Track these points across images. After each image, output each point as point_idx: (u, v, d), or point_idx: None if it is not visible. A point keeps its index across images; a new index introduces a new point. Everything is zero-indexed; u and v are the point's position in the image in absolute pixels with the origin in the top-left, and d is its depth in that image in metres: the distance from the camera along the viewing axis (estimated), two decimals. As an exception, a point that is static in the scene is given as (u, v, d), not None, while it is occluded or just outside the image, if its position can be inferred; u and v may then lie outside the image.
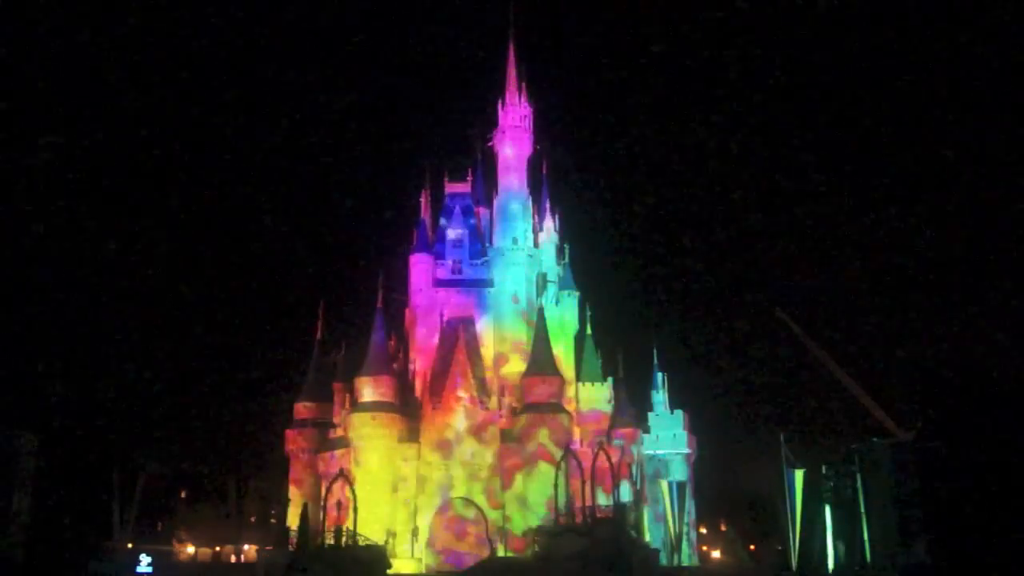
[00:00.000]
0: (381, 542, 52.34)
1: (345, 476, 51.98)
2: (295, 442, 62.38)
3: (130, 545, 62.48)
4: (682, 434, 65.72)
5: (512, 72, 71.27)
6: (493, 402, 58.62)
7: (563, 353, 64.75)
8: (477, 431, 57.77)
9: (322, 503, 51.18)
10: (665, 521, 61.00)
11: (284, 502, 60.22)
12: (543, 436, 57.40)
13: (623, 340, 71.78)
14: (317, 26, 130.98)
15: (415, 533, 55.69)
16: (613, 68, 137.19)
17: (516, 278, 65.48)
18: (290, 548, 48.34)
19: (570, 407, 61.58)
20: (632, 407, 64.77)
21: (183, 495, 76.97)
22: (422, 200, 68.10)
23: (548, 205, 70.82)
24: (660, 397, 67.07)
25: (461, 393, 58.37)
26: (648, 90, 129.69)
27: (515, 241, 66.63)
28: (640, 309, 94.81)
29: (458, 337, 61.08)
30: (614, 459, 53.77)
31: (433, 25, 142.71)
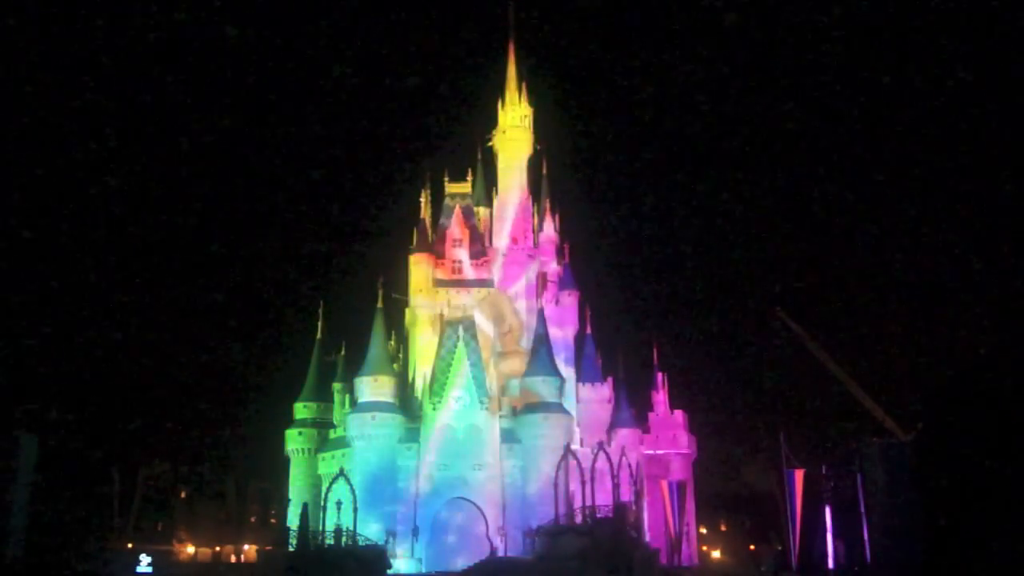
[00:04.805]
0: (381, 542, 52.35)
1: (345, 476, 51.98)
2: (295, 442, 62.42)
3: (130, 545, 62.40)
4: (682, 434, 65.69)
5: (512, 72, 71.24)
6: (493, 402, 58.63)
7: (563, 353, 64.74)
8: (477, 431, 57.76)
9: (322, 503, 51.17)
10: (665, 521, 60.96)
11: (284, 502, 60.21)
12: (543, 436, 57.41)
13: (623, 340, 71.89)
14: (318, 26, 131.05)
15: (415, 533, 55.70)
16: (613, 68, 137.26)
17: (516, 278, 65.50)
18: (290, 548, 48.34)
19: (570, 407, 61.58)
20: (632, 407, 64.74)
21: (183, 495, 76.90)
22: (422, 200, 68.04)
23: (548, 205, 70.79)
24: (660, 397, 67.01)
25: (461, 393, 58.37)
26: (648, 90, 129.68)
27: (515, 241, 66.61)
28: (640, 309, 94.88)
29: (458, 337, 61.10)
30: (614, 459, 53.75)
31: (433, 25, 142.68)
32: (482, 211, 69.67)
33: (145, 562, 54.89)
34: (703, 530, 74.29)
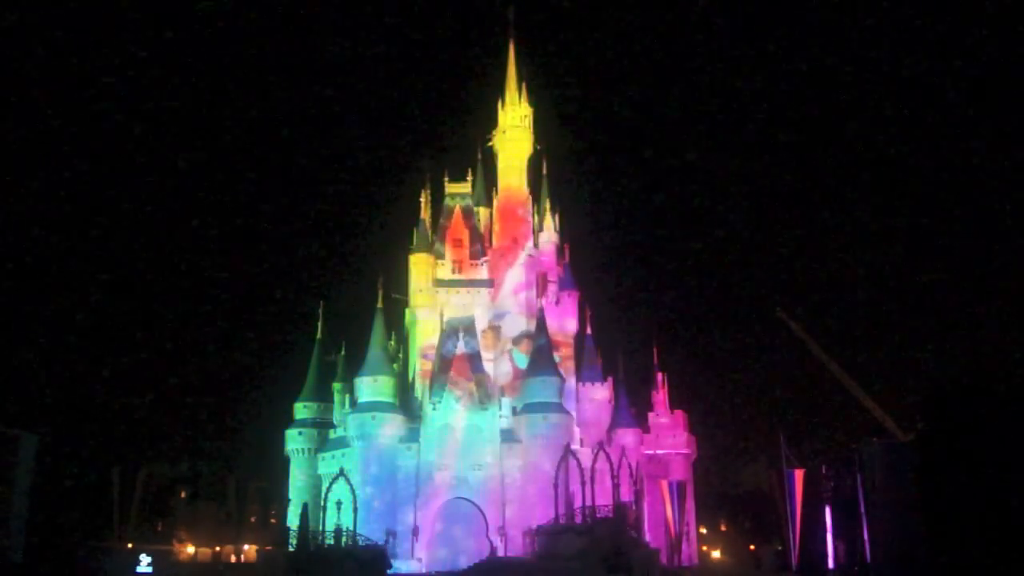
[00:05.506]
0: (381, 542, 52.36)
1: (345, 476, 51.98)
2: (295, 442, 62.37)
3: (130, 545, 62.41)
4: (682, 434, 65.64)
5: (512, 72, 71.22)
6: (493, 402, 58.60)
7: (563, 353, 64.71)
8: (477, 431, 57.73)
9: (322, 503, 51.16)
10: (665, 521, 60.95)
11: (284, 502, 60.19)
12: (543, 436, 57.37)
13: (623, 340, 71.85)
14: (318, 27, 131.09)
15: (415, 533, 55.68)
16: (613, 68, 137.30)
17: (516, 278, 65.47)
18: (290, 548, 48.33)
19: (570, 407, 61.54)
20: (632, 407, 64.69)
21: (183, 495, 76.90)
22: (422, 200, 68.02)
23: (548, 205, 70.77)
24: (660, 397, 66.94)
25: (461, 393, 58.34)
26: (648, 90, 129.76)
27: (515, 241, 66.56)
28: (640, 309, 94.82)
29: (458, 337, 61.11)
30: (614, 459, 53.72)
31: (433, 25, 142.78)
32: (482, 211, 69.66)
33: (145, 562, 54.92)
34: (703, 530, 74.25)
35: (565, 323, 66.30)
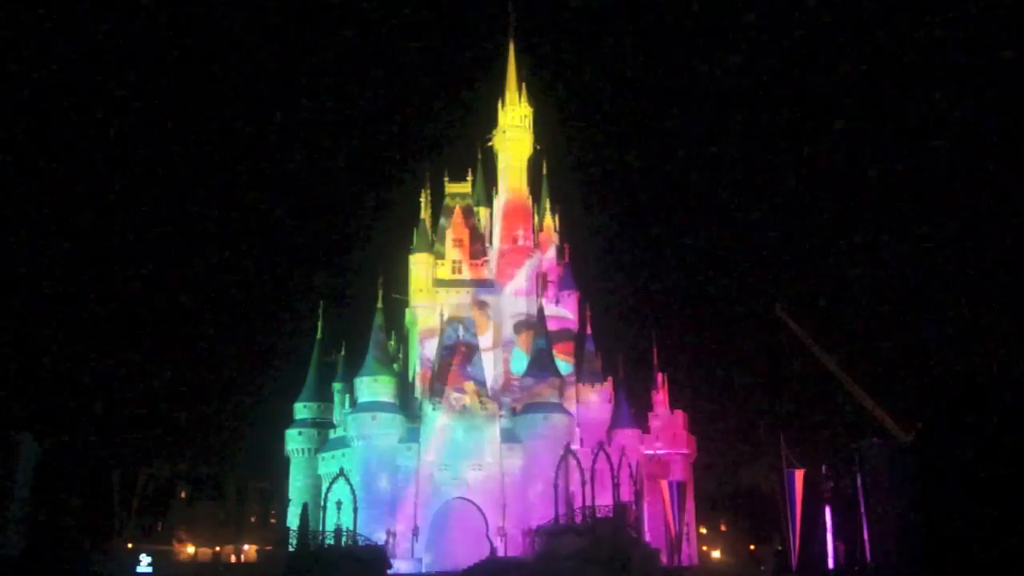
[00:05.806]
0: (381, 542, 52.38)
1: (345, 476, 52.00)
2: (295, 442, 62.39)
3: (130, 545, 62.52)
4: (682, 434, 65.61)
5: (512, 72, 71.25)
6: (493, 402, 58.58)
7: (563, 353, 64.71)
8: (477, 431, 57.73)
9: (322, 503, 51.20)
10: (665, 521, 60.93)
11: (284, 502, 60.21)
12: (543, 436, 57.36)
13: (623, 340, 71.84)
14: (319, 26, 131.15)
15: (415, 533, 55.68)
16: (613, 68, 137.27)
17: (516, 278, 65.47)
18: (290, 548, 48.37)
19: (570, 407, 61.55)
20: (632, 407, 64.67)
21: (183, 495, 77.01)
22: (422, 200, 68.05)
23: (548, 205, 70.79)
24: (660, 397, 66.91)
25: (461, 393, 58.34)
26: (648, 90, 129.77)
27: (515, 241, 66.56)
28: (640, 309, 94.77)
29: (458, 337, 61.12)
30: (614, 459, 53.72)
31: (433, 25, 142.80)
32: (482, 211, 69.67)
33: (145, 562, 55.00)
34: (703, 530, 74.22)
35: (565, 323, 66.32)
